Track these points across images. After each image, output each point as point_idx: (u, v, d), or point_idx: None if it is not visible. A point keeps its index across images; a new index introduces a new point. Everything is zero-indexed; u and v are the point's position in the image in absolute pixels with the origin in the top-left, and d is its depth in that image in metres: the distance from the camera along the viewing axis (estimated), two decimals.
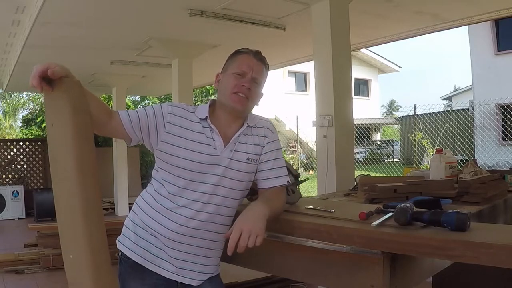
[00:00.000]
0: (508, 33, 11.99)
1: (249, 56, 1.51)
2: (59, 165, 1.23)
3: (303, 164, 14.76)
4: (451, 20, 4.62)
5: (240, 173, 1.48)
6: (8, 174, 8.55)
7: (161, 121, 1.44)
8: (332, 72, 3.39)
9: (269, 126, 1.58)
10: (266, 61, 1.55)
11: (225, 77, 1.51)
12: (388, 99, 39.16)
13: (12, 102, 19.33)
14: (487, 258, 1.10)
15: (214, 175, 1.44)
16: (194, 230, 1.43)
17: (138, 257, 1.45)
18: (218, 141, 1.46)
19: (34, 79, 1.17)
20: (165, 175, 1.47)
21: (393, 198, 1.92)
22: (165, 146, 1.44)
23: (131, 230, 1.50)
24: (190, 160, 1.42)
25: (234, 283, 3.05)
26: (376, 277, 1.29)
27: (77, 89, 1.24)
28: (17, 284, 4.07)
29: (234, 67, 1.50)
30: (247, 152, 1.49)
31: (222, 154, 1.45)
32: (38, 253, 4.55)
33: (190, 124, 1.47)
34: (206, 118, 1.48)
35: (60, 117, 1.21)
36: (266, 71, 1.55)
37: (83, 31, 4.65)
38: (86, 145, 1.21)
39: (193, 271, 1.46)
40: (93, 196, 1.19)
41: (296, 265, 1.53)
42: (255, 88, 1.50)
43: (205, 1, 3.88)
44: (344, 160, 3.42)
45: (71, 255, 1.20)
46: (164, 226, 1.43)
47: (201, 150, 1.44)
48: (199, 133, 1.46)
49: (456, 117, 10.27)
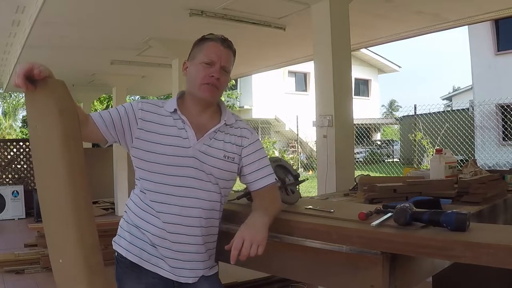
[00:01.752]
0: (508, 33, 11.99)
1: (217, 43, 1.49)
2: (46, 169, 1.19)
3: (303, 164, 14.76)
4: (451, 20, 4.61)
5: (216, 169, 1.47)
6: (8, 174, 8.54)
7: (133, 118, 1.45)
8: (332, 72, 3.39)
9: (247, 126, 1.59)
10: (233, 47, 1.54)
11: (193, 66, 1.50)
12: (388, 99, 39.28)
13: (12, 102, 19.35)
14: (487, 258, 1.10)
15: (190, 167, 1.43)
16: (178, 226, 1.42)
17: (134, 256, 1.45)
18: (190, 132, 1.46)
19: (19, 78, 1.15)
20: (142, 173, 1.46)
21: (392, 198, 1.92)
22: (139, 142, 1.45)
23: (125, 230, 1.50)
24: (165, 154, 1.42)
25: (234, 283, 3.05)
26: (376, 277, 1.29)
27: (63, 89, 1.20)
28: (17, 284, 4.06)
29: (202, 56, 1.48)
30: (224, 149, 1.49)
31: (194, 146, 1.45)
32: (38, 253, 4.55)
33: (161, 118, 1.46)
34: (175, 110, 1.48)
35: (46, 119, 1.18)
36: (233, 58, 1.55)
37: (83, 31, 4.65)
38: (75, 147, 1.18)
39: (185, 268, 1.45)
40: (84, 200, 1.17)
41: (296, 265, 1.53)
42: (224, 77, 1.50)
43: (205, 1, 3.88)
44: (344, 160, 3.42)
45: (60, 259, 1.17)
46: (151, 224, 1.43)
47: (174, 143, 1.43)
48: (171, 126, 1.46)
49: (456, 117, 10.28)
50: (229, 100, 17.49)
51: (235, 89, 18.11)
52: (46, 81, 1.17)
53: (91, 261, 1.15)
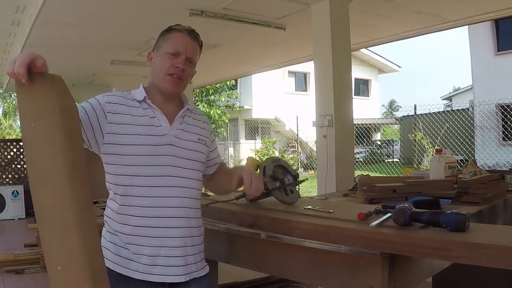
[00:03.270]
0: (508, 33, 11.99)
1: (183, 34, 1.46)
2: (44, 169, 1.11)
3: (303, 164, 14.76)
4: (451, 20, 4.62)
5: (193, 152, 1.45)
6: (8, 174, 8.53)
7: (101, 113, 1.36)
8: (332, 72, 3.40)
9: (205, 115, 1.64)
10: (200, 39, 1.52)
11: (158, 56, 1.46)
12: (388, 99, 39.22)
13: (12, 102, 19.35)
14: (486, 259, 1.09)
15: (167, 155, 1.39)
16: (165, 220, 1.36)
17: (122, 268, 1.37)
18: (163, 120, 1.42)
19: (22, 66, 1.05)
20: (117, 169, 1.38)
21: (392, 198, 1.92)
22: (111, 137, 1.36)
23: (108, 241, 1.41)
24: (140, 144, 1.36)
25: (233, 283, 3.05)
26: (375, 277, 1.29)
27: (63, 85, 1.13)
28: (17, 284, 4.06)
29: (167, 46, 1.45)
30: (197, 133, 1.49)
31: (169, 133, 1.42)
32: (38, 253, 4.54)
33: (130, 109, 1.41)
34: (144, 98, 1.44)
35: (44, 115, 1.10)
36: (200, 50, 1.53)
37: (83, 31, 4.66)
38: (76, 145, 1.12)
39: (176, 266, 1.38)
40: (86, 202, 1.10)
41: (295, 266, 1.52)
42: (189, 68, 1.47)
43: (205, 1, 3.88)
44: (344, 160, 3.42)
45: (59, 266, 1.09)
46: (136, 225, 1.36)
47: (148, 132, 1.38)
48: (142, 116, 1.41)
49: (456, 117, 10.28)
50: (229, 100, 17.48)
51: (235, 89, 18.10)
52: (44, 75, 1.10)
53: (94, 268, 1.08)
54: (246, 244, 1.63)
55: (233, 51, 5.83)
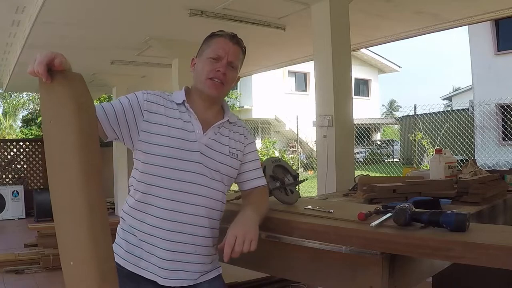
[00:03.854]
0: (508, 33, 11.99)
1: (225, 39, 1.47)
2: (59, 165, 1.13)
3: (303, 164, 14.76)
4: (451, 20, 4.61)
5: (221, 165, 1.45)
6: (8, 174, 8.55)
7: (138, 110, 1.39)
8: (332, 72, 3.40)
9: (246, 127, 1.60)
10: (242, 44, 1.52)
11: (200, 61, 1.48)
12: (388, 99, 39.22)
13: (12, 102, 19.33)
14: (486, 259, 1.09)
15: (195, 162, 1.39)
16: (182, 225, 1.37)
17: (132, 266, 1.39)
18: (197, 126, 1.43)
19: (41, 66, 1.06)
20: (143, 166, 1.40)
21: (392, 198, 1.92)
22: (145, 135, 1.39)
23: (121, 238, 1.44)
24: (170, 146, 1.37)
25: (234, 283, 3.05)
26: (375, 277, 1.29)
27: (81, 83, 1.15)
28: (17, 284, 4.07)
29: (209, 51, 1.46)
30: (230, 146, 1.48)
31: (200, 140, 1.42)
32: (38, 253, 4.55)
33: (167, 110, 1.42)
34: (183, 102, 1.45)
35: (61, 113, 1.12)
36: (243, 55, 1.52)
37: (83, 31, 4.65)
38: (91, 145, 1.12)
39: (186, 271, 1.40)
40: (99, 201, 1.11)
41: (295, 266, 1.52)
42: (231, 73, 1.47)
43: (205, 1, 3.88)
44: (344, 160, 3.42)
45: (71, 262, 1.11)
46: (152, 225, 1.37)
47: (179, 136, 1.39)
48: (177, 118, 1.42)
49: (456, 117, 10.27)
50: (229, 100, 17.48)
51: (235, 89, 18.10)
52: (64, 74, 1.11)
53: (103, 267, 1.08)
54: None
55: None
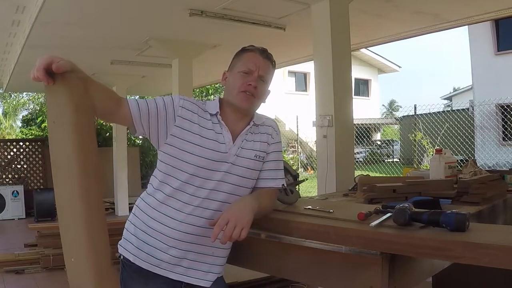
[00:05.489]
0: (508, 33, 11.99)
1: (255, 54, 1.51)
2: (61, 166, 1.18)
3: (303, 164, 14.75)
4: (451, 20, 4.62)
5: (247, 170, 1.47)
6: (8, 174, 8.55)
7: (171, 114, 1.42)
8: (332, 72, 3.40)
9: (275, 126, 1.60)
10: (272, 58, 1.55)
11: (232, 76, 1.52)
12: (388, 99, 39.14)
13: (12, 102, 19.32)
14: (486, 259, 1.09)
15: (220, 171, 1.43)
16: (200, 229, 1.40)
17: (142, 262, 1.42)
18: (227, 138, 1.46)
19: (39, 71, 1.14)
20: (171, 170, 1.43)
21: (392, 198, 1.92)
22: (174, 140, 1.42)
23: (132, 234, 1.46)
24: (200, 156, 1.40)
25: (234, 283, 3.05)
26: (375, 277, 1.29)
27: (81, 86, 1.18)
28: (17, 284, 4.06)
29: (240, 65, 1.50)
30: (254, 149, 1.50)
31: (230, 152, 1.45)
32: (38, 253, 4.55)
33: (200, 119, 1.45)
34: (217, 113, 1.48)
35: (62, 115, 1.17)
36: (273, 68, 1.56)
37: (83, 31, 4.65)
38: (88, 146, 1.16)
39: (200, 270, 1.44)
40: (96, 199, 1.15)
41: (295, 266, 1.52)
42: (262, 86, 1.50)
43: (205, 1, 3.88)
44: (344, 160, 3.42)
45: (72, 258, 1.16)
46: (169, 227, 1.40)
47: (211, 147, 1.42)
48: (209, 129, 1.45)
49: (456, 117, 10.27)
50: None
51: None
52: (64, 75, 1.16)
53: (100, 264, 1.13)
54: (246, 244, 1.63)
55: (233, 51, 5.79)
